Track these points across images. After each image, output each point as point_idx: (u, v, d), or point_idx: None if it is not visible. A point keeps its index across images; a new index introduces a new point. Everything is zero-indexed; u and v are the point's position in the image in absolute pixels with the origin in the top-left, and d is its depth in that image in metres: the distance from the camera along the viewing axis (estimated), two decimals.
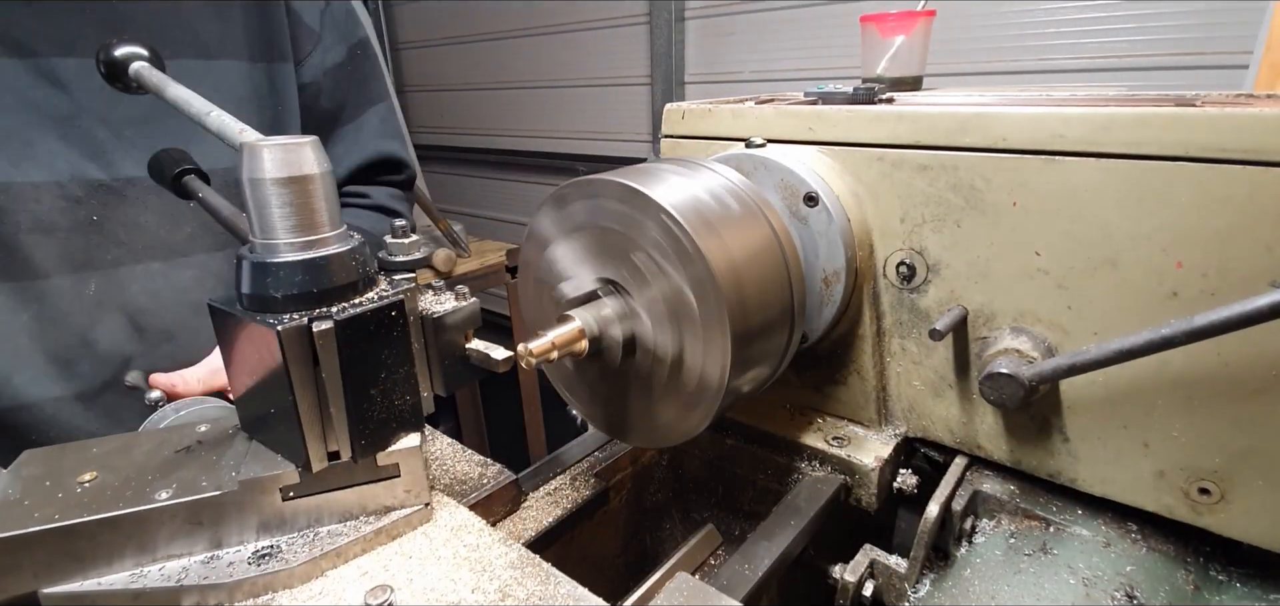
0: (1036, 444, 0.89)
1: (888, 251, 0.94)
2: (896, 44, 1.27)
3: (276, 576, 0.63)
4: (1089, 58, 2.87)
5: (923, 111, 0.87)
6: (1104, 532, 0.86)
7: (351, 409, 0.64)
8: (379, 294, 0.66)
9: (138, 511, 0.62)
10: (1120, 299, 0.78)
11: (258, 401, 0.67)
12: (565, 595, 0.64)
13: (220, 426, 0.76)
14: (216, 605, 0.63)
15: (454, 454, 1.02)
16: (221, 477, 0.66)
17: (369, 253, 0.67)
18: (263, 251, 0.61)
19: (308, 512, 0.68)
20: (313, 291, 0.61)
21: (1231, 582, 0.80)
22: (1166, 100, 0.80)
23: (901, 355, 0.98)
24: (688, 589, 0.71)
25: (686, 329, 0.77)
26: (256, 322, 0.60)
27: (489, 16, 5.29)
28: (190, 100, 0.72)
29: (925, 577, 0.88)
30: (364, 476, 0.69)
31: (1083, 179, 0.77)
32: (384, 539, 0.70)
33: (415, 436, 0.71)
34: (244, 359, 0.65)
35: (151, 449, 0.72)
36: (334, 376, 0.62)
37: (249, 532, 0.67)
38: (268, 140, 0.60)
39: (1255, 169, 0.67)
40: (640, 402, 0.86)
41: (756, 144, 0.99)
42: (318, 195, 0.61)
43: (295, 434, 0.63)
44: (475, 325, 0.78)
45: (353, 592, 0.63)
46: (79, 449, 0.73)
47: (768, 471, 1.05)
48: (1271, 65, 1.91)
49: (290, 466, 0.66)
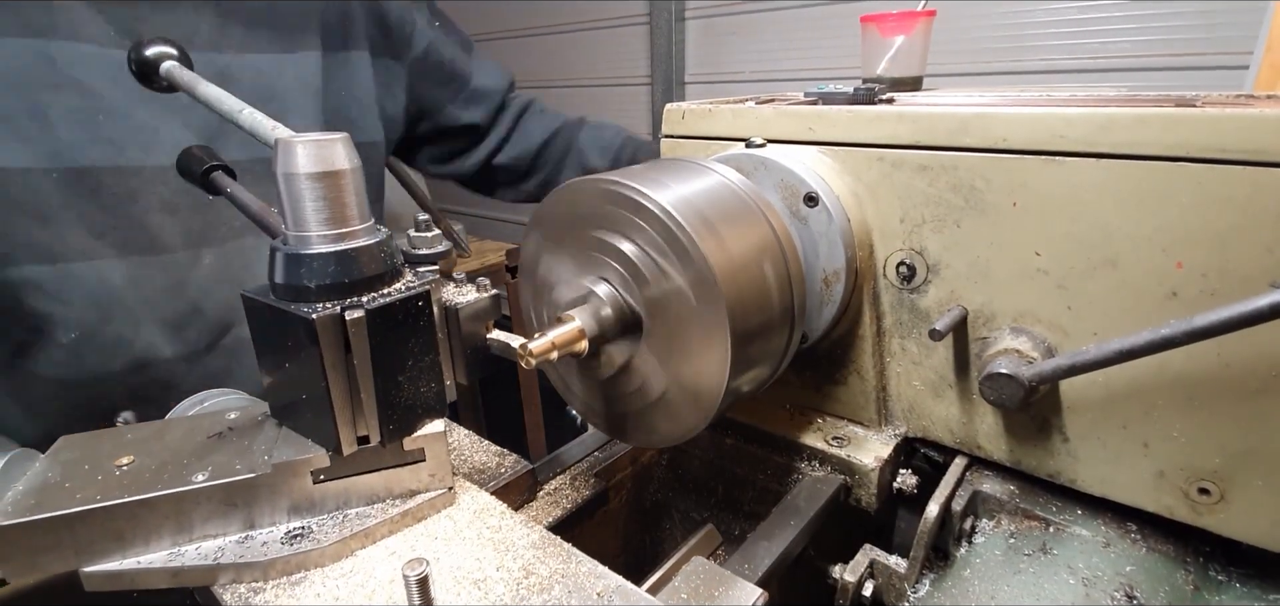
0: (1036, 444, 0.89)
1: (888, 251, 0.94)
2: (897, 44, 1.27)
3: (308, 555, 0.66)
4: (1089, 58, 2.87)
5: (923, 112, 0.87)
6: (1104, 533, 0.86)
7: (380, 395, 0.66)
8: (406, 285, 0.69)
9: (175, 492, 0.65)
10: (1120, 299, 0.78)
11: (290, 388, 0.69)
12: (587, 572, 0.65)
13: (249, 414, 0.78)
14: (252, 582, 0.65)
15: (472, 444, 1.04)
16: (254, 461, 0.69)
17: (395, 245, 0.70)
18: (296, 243, 0.64)
19: (336, 495, 0.71)
20: (344, 282, 0.64)
21: (1231, 583, 0.80)
22: (1167, 101, 0.80)
23: (901, 355, 0.98)
24: (705, 571, 0.72)
25: (686, 329, 0.77)
26: (291, 311, 0.62)
27: (490, 16, 5.29)
28: (222, 98, 0.74)
29: (925, 577, 0.88)
30: (391, 460, 0.72)
31: (1083, 179, 0.77)
32: (410, 520, 0.72)
33: (439, 422, 0.73)
34: (278, 346, 0.67)
35: (184, 434, 0.75)
36: (365, 363, 0.64)
37: (281, 514, 0.69)
38: (301, 136, 0.62)
39: (1255, 169, 0.67)
40: (640, 403, 0.86)
41: (756, 144, 0.99)
42: (348, 190, 0.64)
43: (327, 418, 0.65)
44: (495, 316, 0.81)
45: (382, 571, 0.66)
46: (115, 434, 0.76)
47: (768, 471, 1.05)
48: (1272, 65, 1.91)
49: (321, 450, 0.69)
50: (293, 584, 0.64)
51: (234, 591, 0.64)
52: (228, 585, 0.65)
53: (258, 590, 0.64)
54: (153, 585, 0.65)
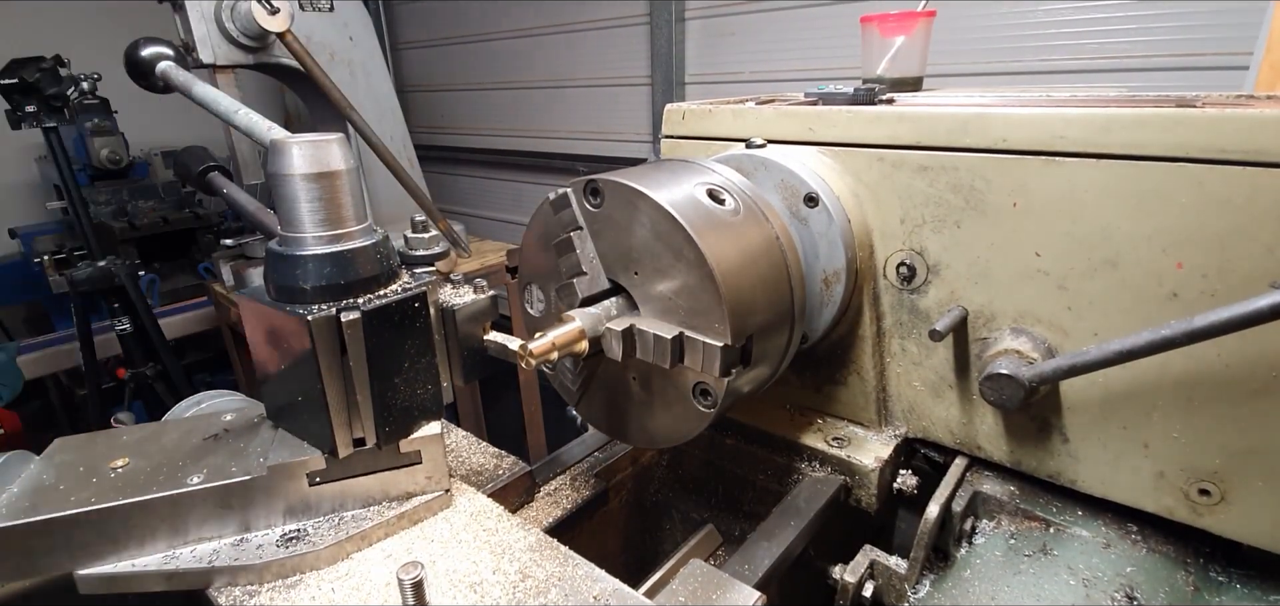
0: (1036, 445, 0.89)
1: (888, 252, 0.94)
2: (897, 44, 1.26)
3: (304, 558, 0.66)
4: (1089, 58, 2.86)
5: (923, 112, 0.87)
6: (1104, 533, 0.86)
7: (376, 396, 0.66)
8: (402, 286, 0.68)
9: (170, 495, 0.65)
10: (1120, 300, 0.78)
11: (285, 389, 0.69)
12: (583, 575, 0.65)
13: (245, 416, 0.78)
14: (247, 585, 0.65)
15: (469, 446, 1.04)
16: (250, 463, 0.69)
17: (392, 246, 0.70)
18: (290, 245, 0.63)
19: (332, 498, 0.71)
20: (340, 283, 0.63)
21: (1231, 583, 0.79)
22: (1167, 101, 0.79)
23: (901, 356, 0.98)
24: (703, 574, 0.72)
25: (686, 329, 0.76)
26: (286, 313, 0.62)
27: (489, 16, 5.28)
28: (217, 99, 0.75)
29: (925, 578, 0.88)
30: (387, 462, 0.72)
31: (1083, 180, 0.77)
32: (406, 523, 0.72)
33: (436, 424, 0.73)
34: (273, 347, 0.67)
35: (180, 437, 0.75)
36: (361, 365, 0.64)
37: (276, 516, 0.69)
38: (297, 137, 0.62)
39: (1255, 170, 0.67)
40: (640, 403, 0.86)
41: (757, 144, 0.99)
42: (344, 191, 0.64)
43: (322, 420, 0.65)
44: (492, 317, 0.81)
45: (378, 574, 0.65)
46: (110, 436, 0.76)
47: (768, 471, 1.05)
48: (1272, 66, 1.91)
49: (317, 452, 0.69)
50: (288, 587, 0.64)
51: (229, 594, 0.64)
52: (223, 588, 0.65)
53: (253, 593, 0.64)
54: (147, 588, 0.65)
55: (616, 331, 0.80)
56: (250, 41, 2.47)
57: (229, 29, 2.41)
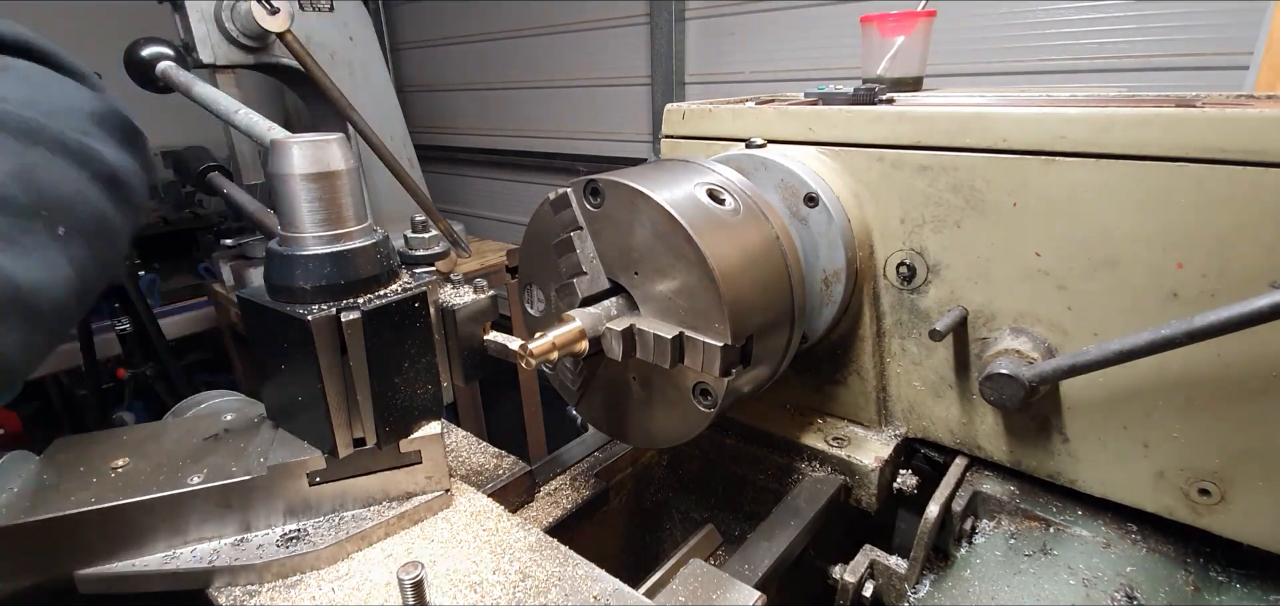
0: (1036, 444, 0.89)
1: (888, 252, 0.94)
2: (897, 44, 1.26)
3: (304, 558, 0.66)
4: (1089, 58, 2.87)
5: (923, 112, 0.87)
6: (1104, 533, 0.86)
7: (376, 396, 0.66)
8: (402, 286, 0.68)
9: (170, 495, 0.65)
10: (1120, 299, 0.78)
11: (286, 389, 0.69)
12: (583, 575, 0.65)
13: (245, 415, 0.78)
14: (247, 585, 0.65)
15: (469, 446, 1.03)
16: (250, 463, 0.69)
17: (392, 246, 0.69)
18: (291, 245, 0.63)
19: (332, 498, 0.71)
20: (340, 283, 0.63)
21: (1231, 583, 0.79)
22: (1167, 101, 0.79)
23: (901, 355, 0.98)
24: (703, 574, 0.72)
25: (686, 329, 0.76)
26: (286, 312, 0.62)
27: (488, 16, 5.28)
28: (217, 99, 0.75)
29: (925, 578, 0.88)
30: (387, 462, 0.72)
31: (1083, 180, 0.77)
32: (407, 523, 0.72)
33: (436, 424, 0.73)
34: (274, 347, 0.67)
35: (180, 436, 0.75)
36: (361, 365, 0.64)
37: (276, 516, 0.69)
38: (297, 137, 0.62)
39: (1255, 170, 0.67)
40: (640, 403, 0.85)
41: (757, 144, 0.99)
42: (344, 191, 0.64)
43: (322, 420, 0.65)
44: (492, 317, 0.81)
45: (378, 574, 0.65)
46: (110, 436, 0.76)
47: (768, 471, 1.05)
48: (1272, 66, 1.91)
49: (317, 452, 0.68)
50: (288, 587, 0.64)
51: (229, 594, 0.64)
52: (223, 588, 0.65)
53: (253, 593, 0.64)
54: (148, 588, 0.65)
55: (616, 331, 0.80)
56: (250, 41, 2.46)
57: (229, 29, 2.41)
